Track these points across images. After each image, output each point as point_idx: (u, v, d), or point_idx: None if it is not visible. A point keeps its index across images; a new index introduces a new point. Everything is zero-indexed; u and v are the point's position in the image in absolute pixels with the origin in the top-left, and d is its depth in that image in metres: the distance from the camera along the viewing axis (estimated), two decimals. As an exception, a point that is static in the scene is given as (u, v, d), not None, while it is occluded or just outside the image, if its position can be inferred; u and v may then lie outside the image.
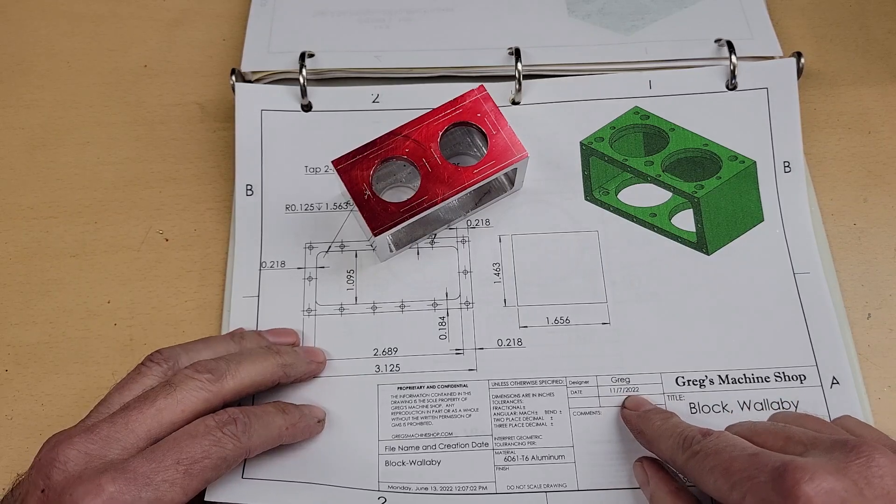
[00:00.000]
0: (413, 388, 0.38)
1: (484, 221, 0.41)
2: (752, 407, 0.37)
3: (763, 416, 0.37)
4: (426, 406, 0.38)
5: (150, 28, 0.49)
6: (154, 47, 0.48)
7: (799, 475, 0.25)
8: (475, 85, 0.39)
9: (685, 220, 0.41)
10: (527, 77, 0.44)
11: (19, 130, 0.45)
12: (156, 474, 0.28)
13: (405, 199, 0.37)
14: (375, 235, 0.36)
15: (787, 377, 0.38)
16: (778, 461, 0.26)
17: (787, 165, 0.42)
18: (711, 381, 0.38)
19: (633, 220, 0.41)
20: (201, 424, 0.31)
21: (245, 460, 0.34)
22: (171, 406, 0.31)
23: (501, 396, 0.38)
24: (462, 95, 0.38)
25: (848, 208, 0.42)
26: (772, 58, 0.44)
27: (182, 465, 0.29)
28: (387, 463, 0.36)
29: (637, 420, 0.35)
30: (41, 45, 0.48)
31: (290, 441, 0.35)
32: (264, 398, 0.37)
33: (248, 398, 0.37)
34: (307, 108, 0.43)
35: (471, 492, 0.35)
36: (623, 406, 0.37)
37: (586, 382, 0.38)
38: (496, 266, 0.40)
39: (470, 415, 0.37)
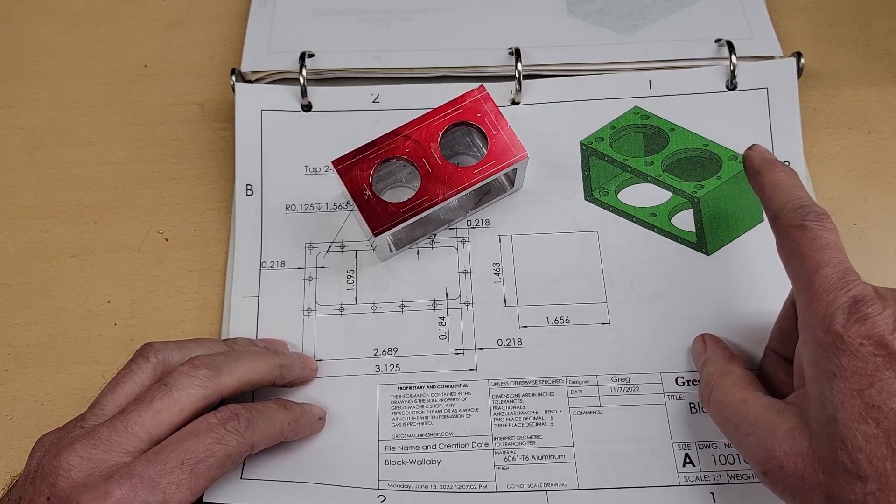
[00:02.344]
0: (413, 387, 0.38)
1: (484, 221, 0.41)
2: (752, 407, 0.37)
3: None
4: (426, 406, 0.38)
5: (150, 28, 0.49)
6: (154, 47, 0.48)
7: (872, 308, 0.27)
8: (475, 85, 0.39)
9: (685, 220, 0.41)
10: (527, 77, 0.44)
11: (19, 130, 0.45)
12: (161, 476, 0.28)
13: (405, 199, 0.37)
14: (376, 236, 0.36)
15: (787, 377, 0.38)
16: (860, 292, 0.28)
17: (787, 165, 0.42)
18: (711, 381, 0.38)
19: (633, 221, 0.41)
20: (203, 422, 0.30)
21: (244, 460, 0.34)
22: (168, 407, 0.30)
23: (501, 396, 0.38)
24: (462, 95, 0.38)
25: (848, 208, 0.42)
26: (772, 58, 0.44)
27: (187, 465, 0.29)
28: (387, 462, 0.36)
29: (761, 163, 0.34)
30: (41, 45, 0.48)
31: (292, 437, 0.35)
32: (265, 399, 0.37)
33: (248, 396, 0.37)
34: (307, 108, 0.43)
35: (471, 490, 0.35)
36: (749, 149, 0.35)
37: (586, 382, 0.38)
38: (496, 266, 0.40)
39: (470, 415, 0.37)
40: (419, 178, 0.37)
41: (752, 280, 0.40)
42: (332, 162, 0.37)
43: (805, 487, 0.28)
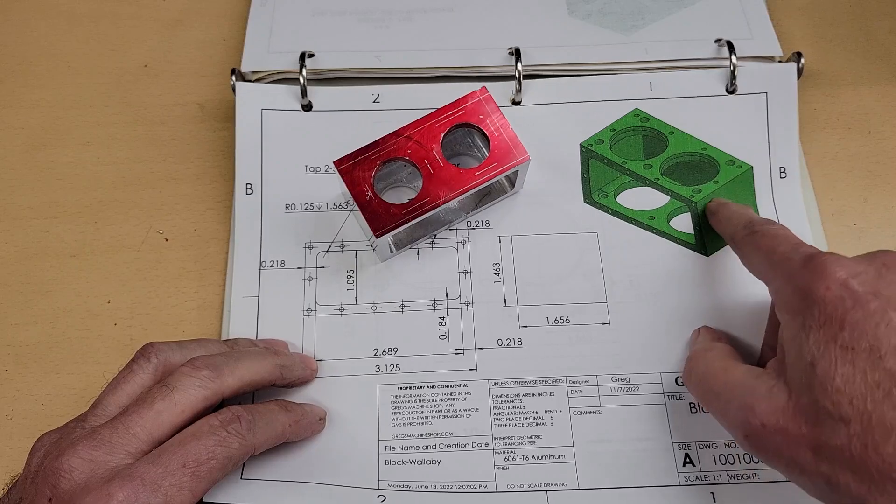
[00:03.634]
0: (413, 388, 0.38)
1: (484, 223, 0.41)
2: (751, 407, 0.37)
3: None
4: (426, 406, 0.38)
5: (150, 28, 0.49)
6: (154, 47, 0.48)
7: (827, 258, 0.29)
8: (476, 85, 0.39)
9: (684, 223, 0.41)
10: (527, 77, 0.44)
11: (19, 130, 0.45)
12: (163, 479, 0.28)
13: (406, 199, 0.37)
14: (377, 237, 0.36)
15: (786, 377, 0.38)
16: (814, 251, 0.30)
17: (783, 171, 0.42)
18: (711, 382, 0.38)
19: (632, 223, 0.41)
20: (205, 424, 0.30)
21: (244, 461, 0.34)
22: (169, 407, 0.30)
23: (501, 396, 0.38)
24: (464, 97, 0.38)
25: (848, 208, 0.42)
26: (772, 58, 0.44)
27: (189, 467, 0.29)
28: (387, 462, 0.36)
29: (716, 206, 0.40)
30: (41, 45, 0.48)
31: (293, 439, 0.35)
32: (265, 399, 0.37)
33: (249, 397, 0.37)
34: (307, 107, 0.43)
35: (471, 490, 0.36)
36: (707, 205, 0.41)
37: (586, 382, 0.38)
38: (496, 266, 0.40)
39: (470, 415, 0.37)
40: (420, 178, 0.37)
41: (752, 280, 0.39)
42: (334, 162, 0.37)
43: (789, 443, 0.28)
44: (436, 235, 0.41)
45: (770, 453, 0.29)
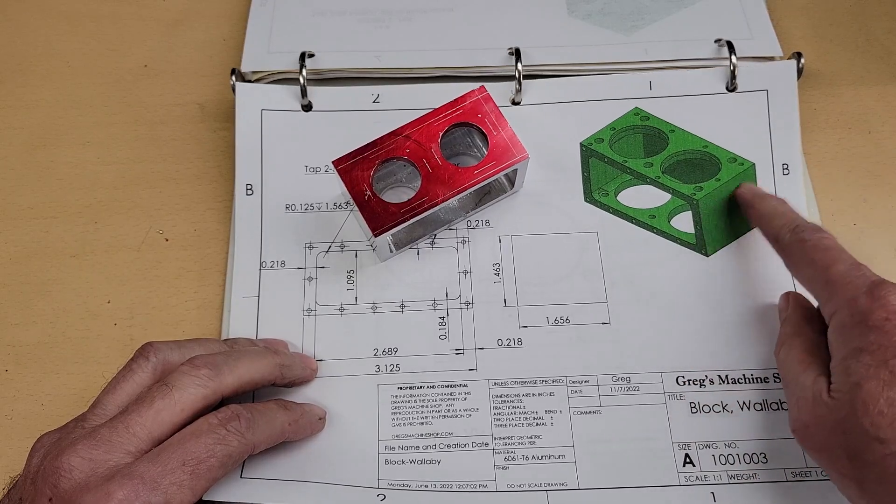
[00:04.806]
0: (413, 387, 0.38)
1: (484, 222, 0.41)
2: (752, 407, 0.37)
3: (763, 417, 0.37)
4: (426, 406, 0.38)
5: (150, 28, 0.49)
6: (154, 47, 0.48)
7: (891, 288, 0.30)
8: (475, 85, 0.39)
9: (684, 222, 0.41)
10: (527, 77, 0.44)
11: (19, 130, 0.45)
12: (163, 477, 0.28)
13: (405, 199, 0.37)
14: (376, 236, 0.36)
15: (786, 377, 0.38)
16: (877, 278, 0.31)
17: (785, 168, 0.42)
18: (711, 381, 0.38)
19: (632, 222, 0.41)
20: (204, 423, 0.30)
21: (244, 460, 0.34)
22: (169, 406, 0.30)
23: (501, 396, 0.38)
24: (463, 96, 0.38)
25: (848, 208, 0.42)
26: (772, 58, 0.44)
27: (188, 465, 0.29)
28: (387, 461, 0.36)
29: (752, 197, 0.39)
30: (41, 45, 0.48)
31: (292, 438, 0.35)
32: (265, 399, 0.37)
33: (248, 396, 0.37)
34: (307, 107, 0.43)
35: (471, 490, 0.36)
36: (738, 188, 0.41)
37: (586, 382, 0.38)
38: (496, 266, 0.40)
39: (470, 415, 0.37)
40: (419, 178, 0.37)
41: (752, 280, 0.40)
42: (333, 162, 0.37)
43: (828, 446, 0.30)
44: (436, 235, 0.41)
45: (812, 449, 0.31)
